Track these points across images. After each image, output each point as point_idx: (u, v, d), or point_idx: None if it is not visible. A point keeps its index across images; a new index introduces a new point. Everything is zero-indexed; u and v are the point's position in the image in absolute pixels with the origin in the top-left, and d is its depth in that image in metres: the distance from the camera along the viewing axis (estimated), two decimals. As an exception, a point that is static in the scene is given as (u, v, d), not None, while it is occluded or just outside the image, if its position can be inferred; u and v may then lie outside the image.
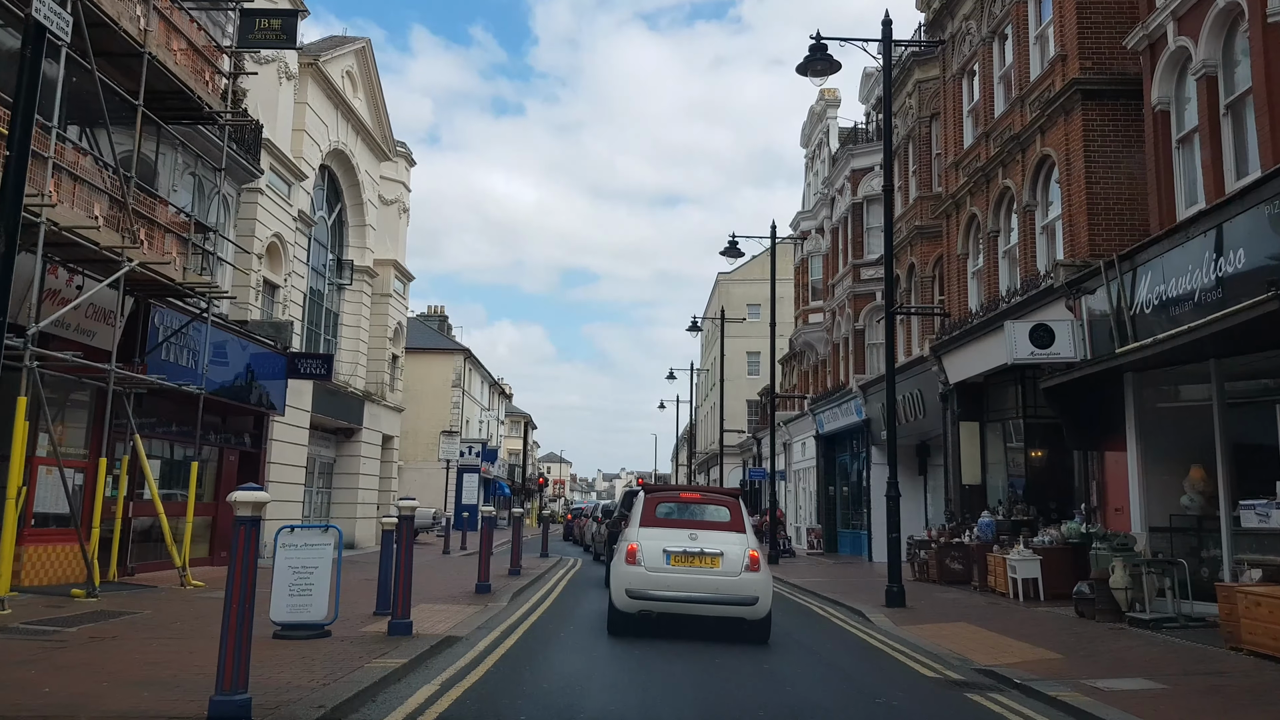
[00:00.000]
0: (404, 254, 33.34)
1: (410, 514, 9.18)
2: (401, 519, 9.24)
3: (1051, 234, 17.05)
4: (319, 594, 8.87)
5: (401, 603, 9.08)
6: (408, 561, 9.21)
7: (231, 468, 19.54)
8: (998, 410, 19.99)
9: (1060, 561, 15.52)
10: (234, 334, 18.72)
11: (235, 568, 6.03)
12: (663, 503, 11.07)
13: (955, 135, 21.09)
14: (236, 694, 5.74)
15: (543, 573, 19.83)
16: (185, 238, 14.59)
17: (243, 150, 19.27)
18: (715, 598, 10.05)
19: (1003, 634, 11.72)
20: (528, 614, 12.27)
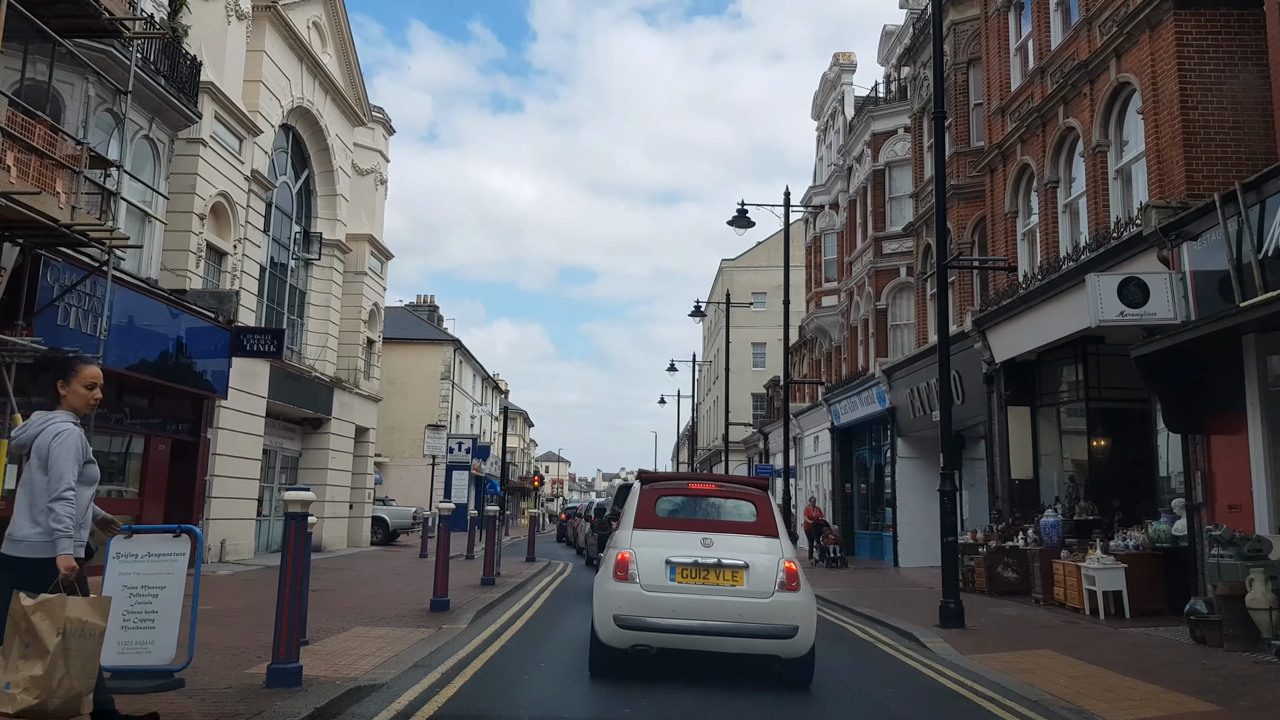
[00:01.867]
0: (381, 229, 30.56)
1: (302, 511, 6.36)
2: (290, 518, 6.41)
3: (1127, 179, 14.29)
4: (164, 626, 6.12)
5: (285, 640, 6.28)
6: (301, 582, 6.43)
7: (161, 458, 16.76)
8: (1052, 393, 17.24)
9: (1148, 571, 12.81)
10: (161, 300, 15.95)
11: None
12: (666, 496, 8.25)
13: (1000, 77, 18.31)
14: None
15: (523, 581, 17.04)
16: (76, 170, 11.79)
17: (174, 88, 16.50)
18: (738, 628, 7.26)
19: (1108, 668, 8.96)
20: (488, 642, 9.47)
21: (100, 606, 4.70)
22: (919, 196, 23.15)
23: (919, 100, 23.32)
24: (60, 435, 4.67)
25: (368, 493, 29.48)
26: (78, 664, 4.50)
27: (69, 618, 4.45)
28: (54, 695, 4.40)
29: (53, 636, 4.39)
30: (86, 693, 4.57)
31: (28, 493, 4.67)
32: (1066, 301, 14.77)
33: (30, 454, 4.71)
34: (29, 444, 4.72)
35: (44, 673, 4.37)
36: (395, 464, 46.25)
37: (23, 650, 4.40)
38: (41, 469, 4.63)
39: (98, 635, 4.60)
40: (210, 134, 18.65)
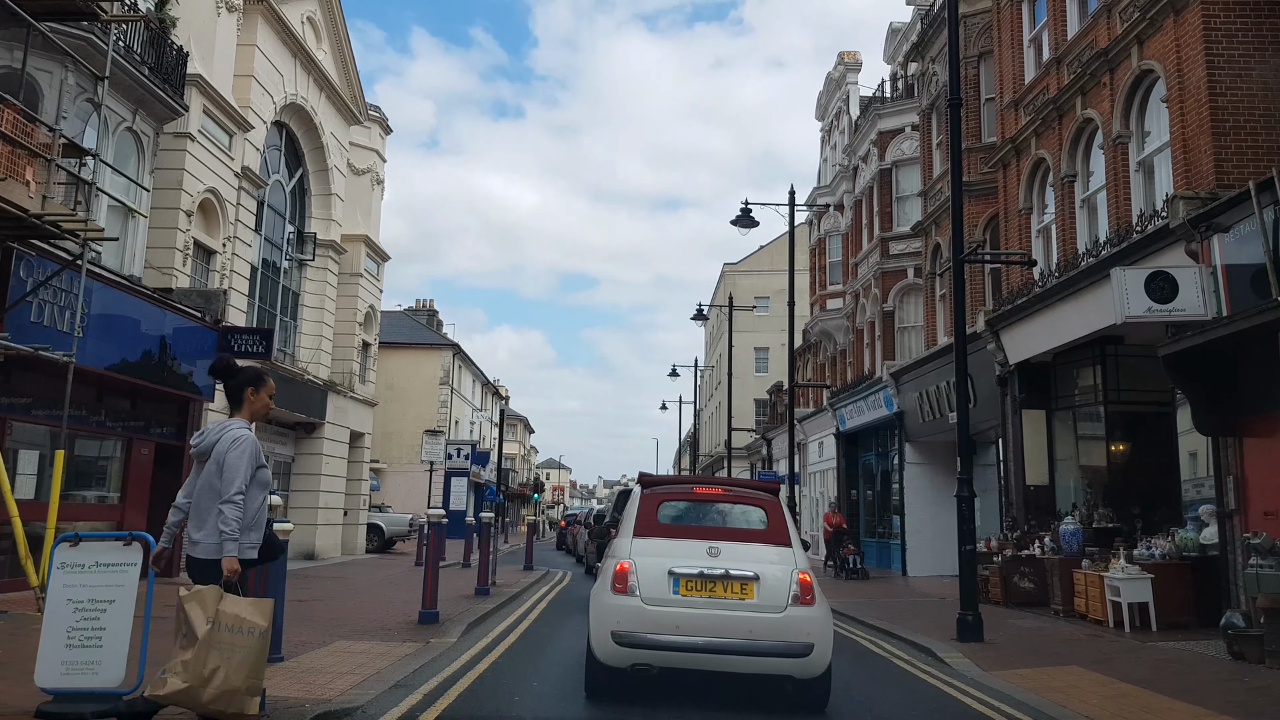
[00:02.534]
0: (378, 230, 29.96)
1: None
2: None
3: (1150, 171, 13.70)
4: (113, 645, 5.49)
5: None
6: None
7: (144, 462, 16.14)
8: (1067, 395, 16.62)
9: (1175, 581, 12.19)
10: (144, 298, 15.35)
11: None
12: (668, 501, 7.60)
13: (1014, 70, 17.72)
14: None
15: (520, 591, 16.41)
16: (48, 159, 11.20)
17: (159, 79, 15.94)
18: (748, 645, 6.63)
19: (1144, 686, 8.34)
20: (478, 658, 8.84)
21: (262, 607, 4.85)
22: (928, 195, 22.57)
23: (927, 96, 22.76)
24: (238, 441, 4.96)
25: (363, 499, 28.84)
26: (235, 659, 4.64)
27: (222, 610, 4.65)
28: (207, 685, 4.54)
29: (202, 624, 4.60)
30: (250, 693, 4.69)
31: (207, 495, 4.93)
32: (1086, 299, 14.18)
33: (209, 458, 4.96)
34: (209, 450, 4.98)
35: (193, 658, 4.55)
36: (393, 470, 45.65)
37: (181, 639, 4.67)
38: (218, 473, 4.89)
39: (258, 634, 4.72)
40: (198, 128, 18.08)
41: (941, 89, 21.60)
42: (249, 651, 4.70)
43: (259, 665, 4.76)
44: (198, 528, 4.96)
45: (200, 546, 4.94)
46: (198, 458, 5.05)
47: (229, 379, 5.32)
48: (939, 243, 21.57)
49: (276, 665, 7.83)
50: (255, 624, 4.74)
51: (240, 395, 5.28)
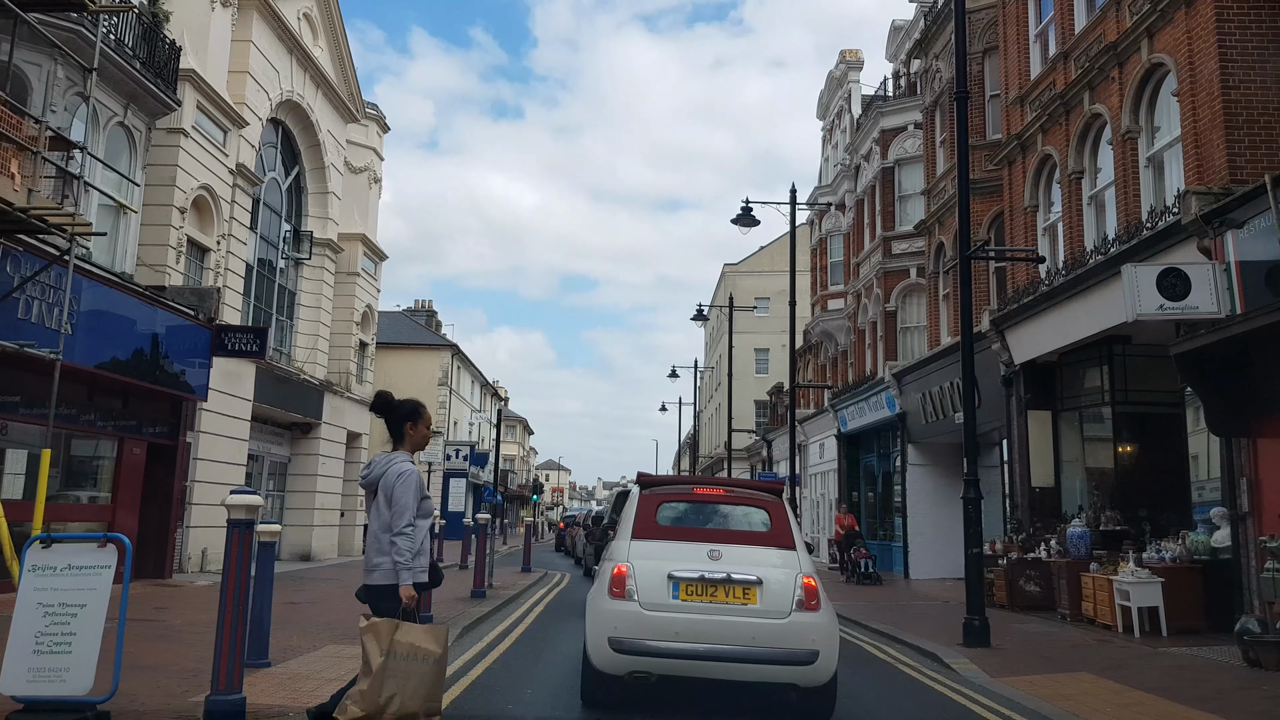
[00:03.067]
0: (375, 229, 29.71)
1: (246, 518, 5.46)
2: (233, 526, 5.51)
3: (1159, 167, 13.45)
4: (83, 651, 5.22)
5: (226, 667, 5.37)
6: (245, 601, 5.55)
7: (136, 462, 15.87)
8: (1074, 396, 16.37)
9: (1186, 585, 11.92)
10: (135, 295, 15.09)
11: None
12: (668, 502, 7.33)
13: (1019, 66, 17.48)
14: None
15: (517, 593, 16.15)
16: (34, 151, 10.94)
17: (151, 73, 15.69)
18: (750, 652, 6.36)
19: (1159, 695, 8.08)
20: (472, 663, 8.58)
21: (436, 634, 5.06)
22: (931, 193, 22.32)
23: (931, 93, 22.51)
24: (403, 474, 5.17)
25: (360, 500, 28.55)
26: (411, 685, 4.83)
27: (397, 640, 4.84)
28: (383, 712, 4.75)
29: (377, 655, 4.80)
30: (428, 715, 4.90)
31: (378, 526, 5.13)
32: (1094, 298, 13.93)
33: (377, 491, 5.19)
34: (376, 483, 5.21)
35: (369, 688, 4.77)
36: (391, 471, 45.35)
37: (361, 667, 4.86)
38: (387, 504, 5.11)
39: (433, 661, 4.95)
40: (192, 124, 17.85)
41: (945, 85, 21.36)
42: (424, 677, 4.91)
43: (435, 689, 5.00)
44: (372, 555, 5.20)
45: (376, 574, 5.14)
46: (367, 489, 5.32)
47: (389, 415, 5.51)
48: (942, 241, 21.32)
49: (263, 671, 7.58)
50: (430, 651, 4.97)
51: (401, 430, 5.46)
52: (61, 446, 15.01)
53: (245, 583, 5.44)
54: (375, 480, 5.25)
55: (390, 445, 5.49)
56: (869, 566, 20.83)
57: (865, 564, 20.83)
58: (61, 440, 14.85)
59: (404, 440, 5.42)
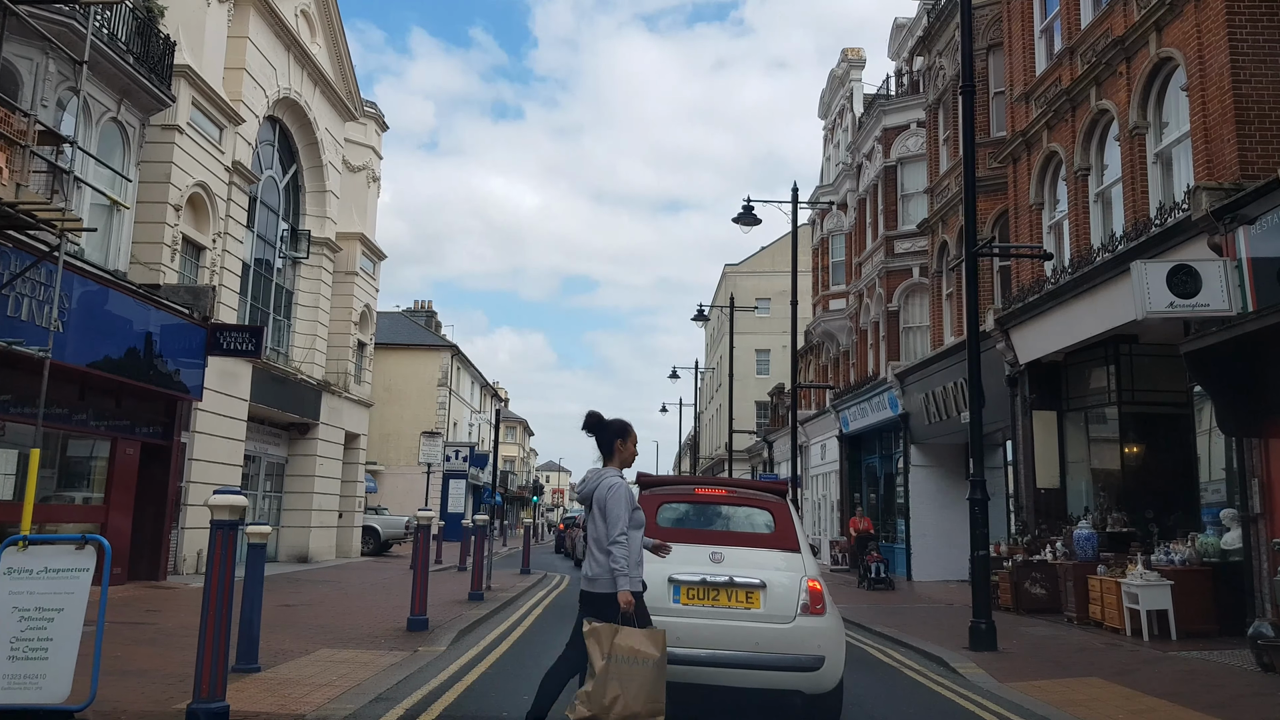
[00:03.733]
0: (374, 228, 29.51)
1: (231, 519, 5.26)
2: (216, 528, 5.29)
3: (1168, 163, 13.24)
4: (60, 657, 5.02)
5: (209, 675, 5.16)
6: (228, 606, 5.33)
7: (129, 462, 15.67)
8: (1080, 396, 16.17)
9: (1196, 588, 11.71)
10: (128, 293, 14.89)
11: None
12: (668, 503, 7.12)
13: (1024, 61, 17.27)
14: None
15: (515, 596, 15.94)
16: (22, 145, 10.74)
17: (145, 69, 15.50)
18: (754, 658, 6.15)
19: (1173, 701, 7.87)
20: (467, 668, 8.37)
21: (655, 638, 5.25)
22: (934, 192, 22.12)
23: (934, 91, 22.30)
24: (614, 488, 5.44)
25: (358, 501, 28.38)
26: (633, 687, 5.04)
27: (618, 644, 5.08)
28: (609, 712, 4.99)
29: (599, 658, 5.05)
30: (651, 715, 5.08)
31: (593, 537, 5.42)
32: (1101, 296, 13.73)
33: (591, 505, 5.50)
34: (590, 496, 5.53)
35: (594, 689, 5.01)
36: (390, 472, 45.20)
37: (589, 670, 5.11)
38: (601, 517, 5.39)
39: (652, 664, 5.13)
40: (187, 121, 17.65)
41: (949, 83, 21.17)
42: (645, 680, 5.09)
43: (657, 691, 5.15)
44: (590, 565, 5.48)
45: (595, 583, 5.41)
46: (583, 503, 5.68)
47: (600, 433, 5.78)
48: (945, 240, 21.11)
49: (252, 676, 7.38)
50: (649, 654, 5.15)
51: (611, 446, 5.73)
52: (54, 447, 14.81)
53: (230, 586, 5.24)
54: (589, 494, 5.59)
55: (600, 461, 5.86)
56: (881, 571, 20.12)
57: (877, 568, 20.06)
58: (54, 440, 14.66)
59: (614, 456, 5.73)
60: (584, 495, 5.67)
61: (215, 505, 5.29)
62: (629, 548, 5.31)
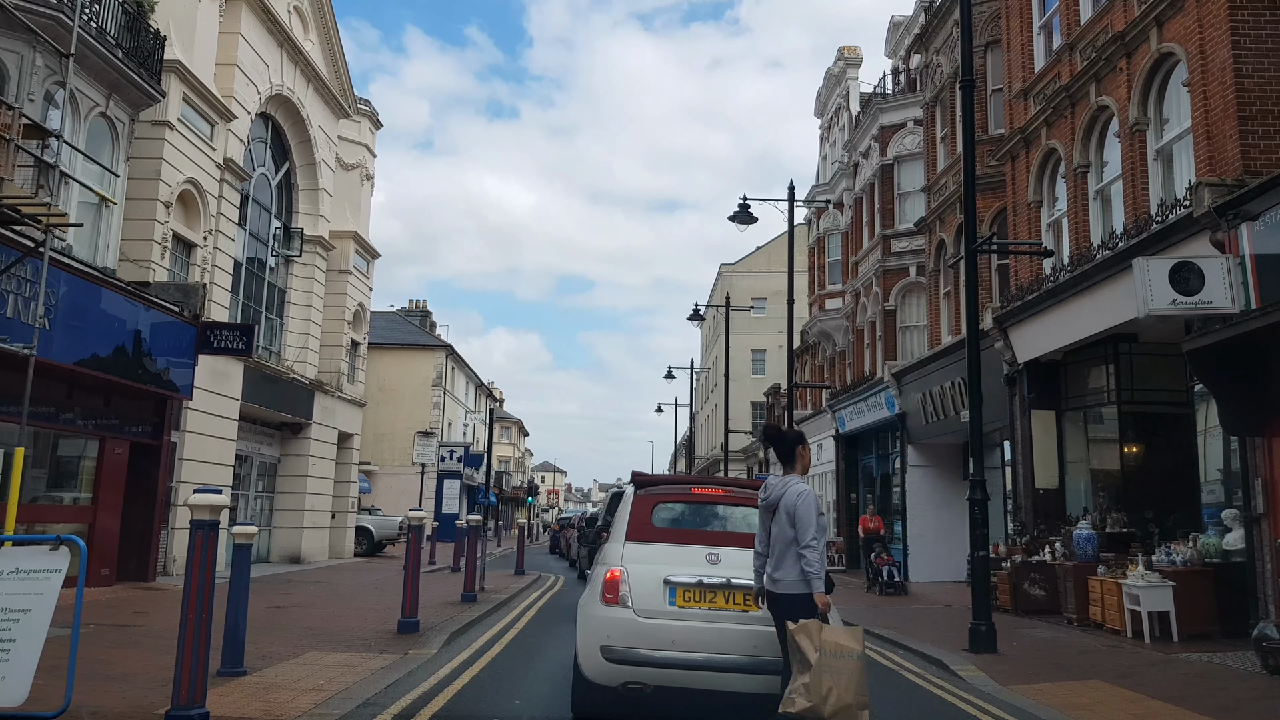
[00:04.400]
0: (367, 227, 29.33)
1: (210, 519, 5.09)
2: (196, 528, 5.12)
3: (1168, 160, 13.11)
4: (21, 658, 4.84)
5: (188, 679, 4.99)
6: (209, 609, 5.15)
7: (118, 462, 15.47)
8: (1079, 395, 16.04)
9: (1198, 589, 11.58)
10: (117, 290, 14.70)
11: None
12: (664, 503, 6.92)
13: (1023, 59, 17.14)
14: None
15: (509, 597, 15.76)
16: (7, 139, 10.55)
17: (135, 63, 15.30)
18: (752, 662, 6.00)
19: (1177, 704, 7.72)
20: (458, 672, 8.19)
21: (854, 634, 5.57)
22: (931, 190, 21.98)
23: (931, 88, 22.17)
24: (804, 495, 5.65)
25: (351, 501, 28.17)
26: (844, 680, 5.33)
27: (824, 640, 5.38)
28: (825, 702, 5.26)
29: (812, 652, 5.34)
30: (860, 708, 5.37)
31: (780, 542, 5.64)
32: (1100, 294, 13.60)
33: (778, 510, 5.69)
34: (776, 503, 5.71)
35: (810, 681, 5.30)
36: (384, 472, 44.98)
37: (797, 665, 5.39)
38: (789, 523, 5.59)
39: (856, 657, 5.41)
40: (178, 117, 17.46)
41: (946, 80, 21.03)
42: (853, 673, 5.37)
43: (863, 684, 5.42)
44: (776, 568, 5.68)
45: (782, 584, 5.62)
46: (767, 510, 5.81)
47: (780, 442, 6.02)
48: (943, 239, 20.97)
49: (238, 680, 7.20)
50: (852, 649, 5.42)
51: (792, 454, 5.95)
52: (42, 446, 14.63)
53: (210, 587, 5.06)
54: (775, 501, 5.75)
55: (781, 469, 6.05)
56: (893, 574, 18.67)
57: (889, 571, 18.63)
58: (42, 440, 14.48)
59: (795, 463, 5.94)
60: (771, 502, 5.79)
61: (195, 504, 5.11)
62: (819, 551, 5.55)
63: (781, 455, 6.00)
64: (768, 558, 5.78)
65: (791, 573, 5.57)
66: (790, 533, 5.58)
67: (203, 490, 5.14)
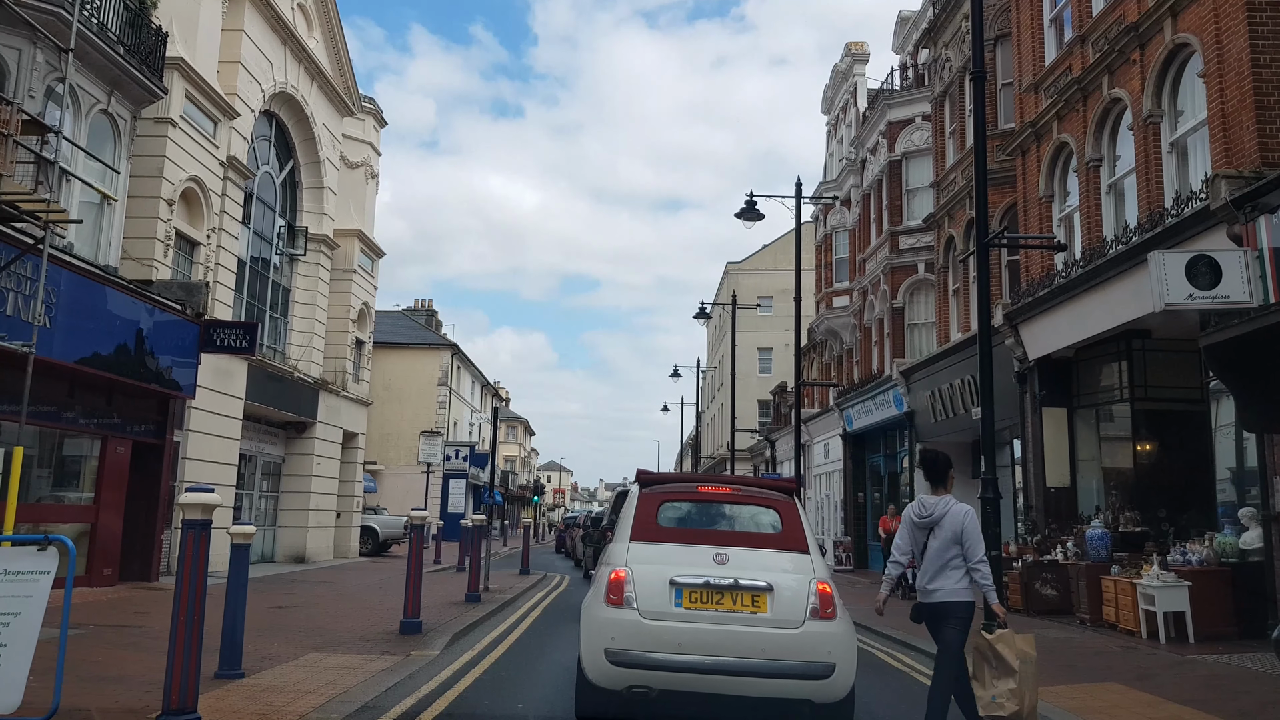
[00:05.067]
0: (372, 225, 29.19)
1: (202, 519, 4.94)
2: (189, 528, 4.97)
3: (1183, 152, 12.89)
4: (12, 663, 4.68)
5: (179, 684, 4.82)
6: (200, 609, 4.99)
7: (120, 461, 15.35)
8: (1090, 393, 15.83)
9: (1214, 589, 11.37)
10: (119, 289, 14.58)
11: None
12: (670, 501, 6.76)
13: (1033, 52, 16.92)
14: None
15: (514, 597, 15.61)
16: (5, 134, 10.42)
17: (137, 60, 15.18)
18: (760, 665, 5.82)
19: (1198, 708, 7.52)
20: (460, 674, 8.03)
21: (1029, 640, 6.18)
22: (940, 186, 21.77)
23: (940, 83, 21.95)
24: (969, 514, 6.18)
25: (356, 501, 28.04)
26: (1030, 683, 5.97)
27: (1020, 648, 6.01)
28: (1023, 705, 5.88)
29: (1014, 659, 5.91)
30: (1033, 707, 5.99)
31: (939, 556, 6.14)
32: (1113, 290, 13.40)
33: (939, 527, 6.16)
34: (939, 520, 6.18)
35: (1016, 686, 5.88)
36: (390, 472, 44.89)
37: (993, 671, 5.93)
38: (954, 540, 6.08)
39: (1033, 662, 6.07)
40: (180, 114, 17.35)
41: (955, 74, 20.81)
42: (1034, 676, 6.02)
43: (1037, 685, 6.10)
44: (932, 579, 6.15)
45: (938, 593, 6.10)
46: (925, 526, 6.27)
47: (934, 466, 6.51)
48: (952, 235, 20.76)
49: (235, 683, 7.06)
50: (1031, 654, 6.06)
51: (945, 476, 6.45)
52: (44, 445, 14.51)
53: (202, 588, 4.90)
54: (938, 520, 6.20)
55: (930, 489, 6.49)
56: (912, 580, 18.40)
57: (913, 574, 18.48)
58: (44, 439, 14.36)
59: (948, 484, 6.45)
60: (933, 520, 6.22)
61: (186, 504, 4.96)
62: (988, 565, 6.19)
63: (934, 477, 6.45)
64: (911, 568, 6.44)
65: (948, 582, 6.07)
66: (954, 549, 6.09)
67: (195, 489, 4.98)
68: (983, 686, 5.97)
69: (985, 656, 5.93)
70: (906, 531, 6.38)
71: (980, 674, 5.99)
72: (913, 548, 6.33)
